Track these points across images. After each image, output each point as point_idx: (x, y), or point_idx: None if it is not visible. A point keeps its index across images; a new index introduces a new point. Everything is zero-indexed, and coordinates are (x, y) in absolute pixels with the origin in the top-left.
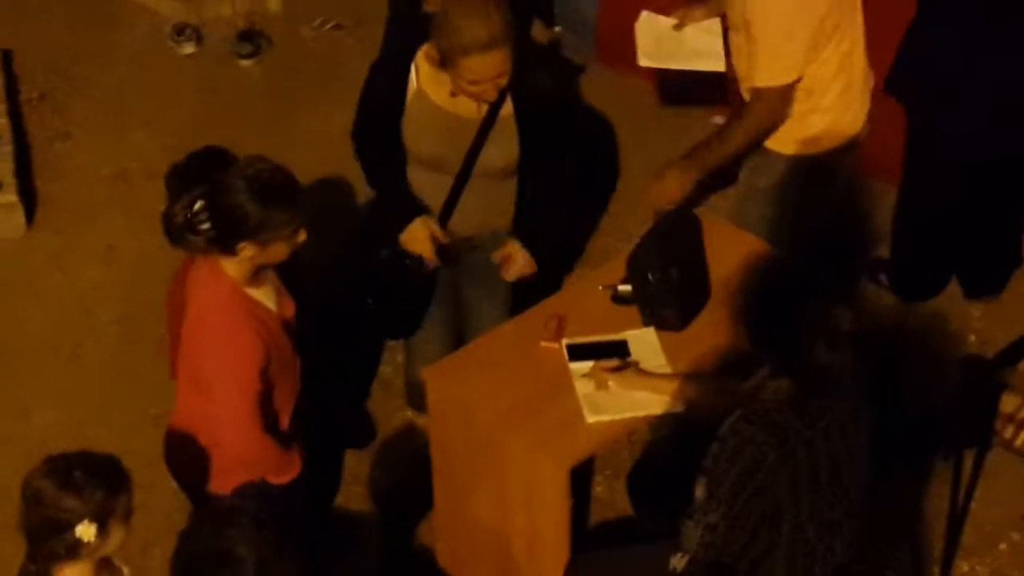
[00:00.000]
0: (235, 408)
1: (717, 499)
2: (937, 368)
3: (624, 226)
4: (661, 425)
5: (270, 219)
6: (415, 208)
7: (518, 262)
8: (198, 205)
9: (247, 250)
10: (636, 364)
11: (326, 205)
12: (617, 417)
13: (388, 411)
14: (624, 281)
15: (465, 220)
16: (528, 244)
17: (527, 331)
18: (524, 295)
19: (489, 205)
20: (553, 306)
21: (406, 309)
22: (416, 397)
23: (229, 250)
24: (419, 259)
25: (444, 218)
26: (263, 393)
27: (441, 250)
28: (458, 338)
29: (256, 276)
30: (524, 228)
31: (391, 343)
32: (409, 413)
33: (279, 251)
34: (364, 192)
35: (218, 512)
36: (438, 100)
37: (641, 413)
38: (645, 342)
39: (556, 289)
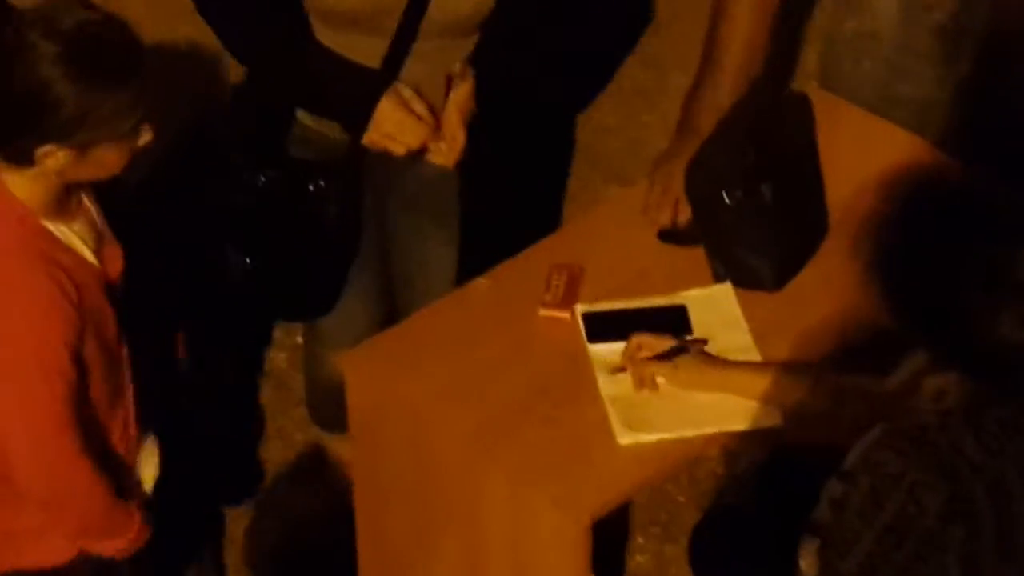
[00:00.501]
0: (32, 409)
1: None
2: None
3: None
4: (742, 453)
5: (96, 107)
6: (361, 75)
7: (461, 94)
8: None
9: (54, 157)
10: (702, 345)
11: (173, 84)
12: (669, 437)
13: (282, 432)
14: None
15: None
16: (486, 74)
17: (514, 291)
18: (508, 234)
19: (439, 79)
20: (559, 249)
21: (311, 271)
22: (326, 408)
23: (23, 157)
24: (335, 183)
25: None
26: (77, 389)
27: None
28: (393, 311)
29: (64, 203)
30: (489, 55)
31: (286, 325)
32: (319, 433)
33: (106, 161)
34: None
35: None
36: None
37: (710, 430)
38: (716, 309)
39: (559, 219)
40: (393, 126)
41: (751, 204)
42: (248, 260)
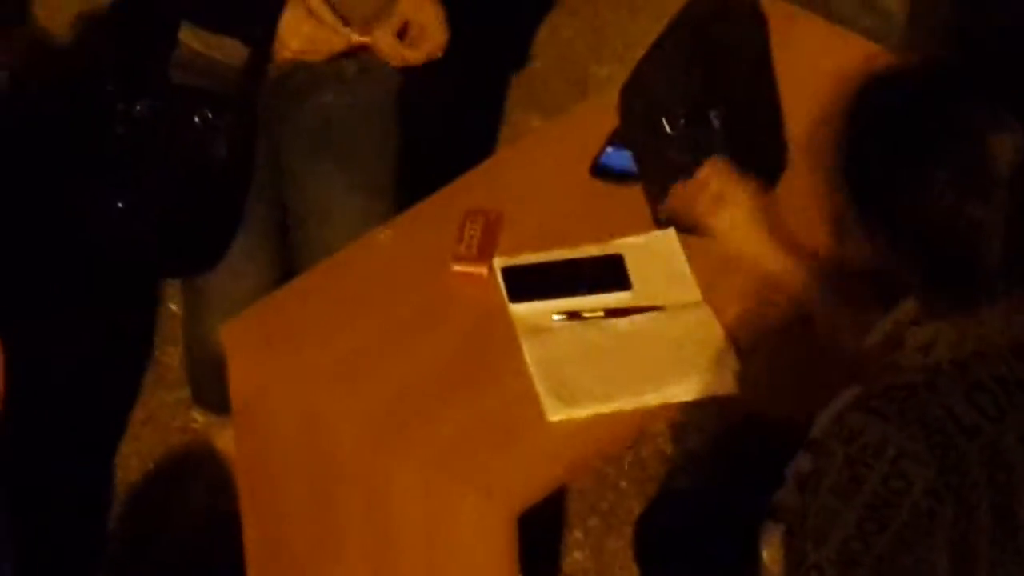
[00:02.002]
0: None
1: (810, 567)
2: None
3: (620, 32)
4: (693, 428)
5: None
6: None
7: (431, 32)
8: None
9: None
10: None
11: None
12: (606, 410)
13: (153, 418)
14: (616, 137)
15: None
16: None
17: (421, 243)
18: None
19: None
20: (473, 191)
21: (195, 219)
22: (211, 385)
23: None
24: (225, 115)
25: (275, 24)
26: None
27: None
28: (287, 267)
29: None
30: None
31: (169, 282)
32: (196, 415)
33: None
34: None
35: None
36: None
37: (654, 401)
38: (658, 259)
39: (479, 158)
40: (303, 41)
41: (697, 134)
42: (120, 204)
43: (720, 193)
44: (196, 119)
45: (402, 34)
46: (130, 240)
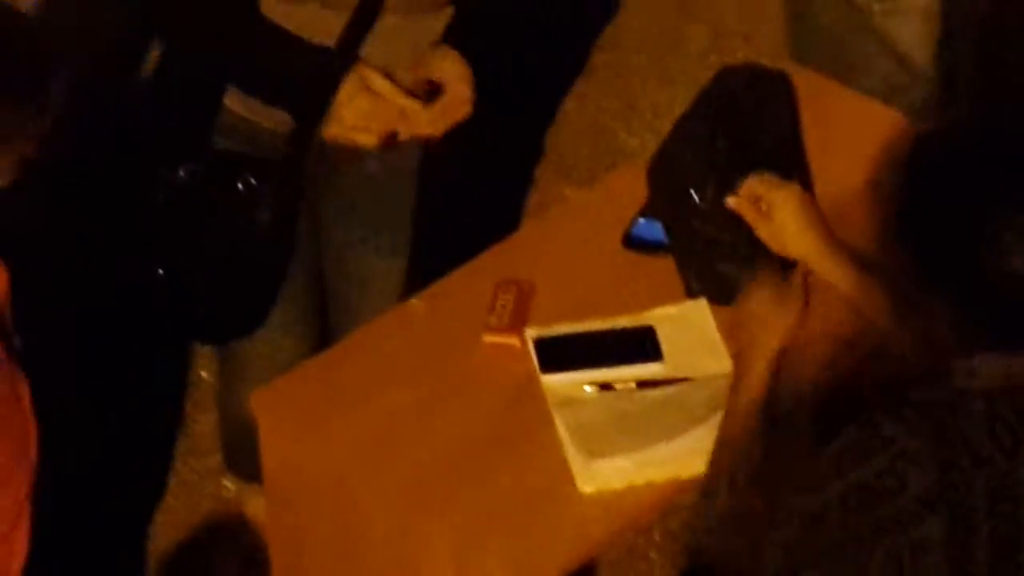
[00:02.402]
0: None
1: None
2: None
3: (650, 102)
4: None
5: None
6: (315, 56)
7: (455, 88)
8: None
9: None
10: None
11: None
12: (639, 482)
13: (186, 486)
14: (647, 208)
15: None
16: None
17: (454, 314)
18: (455, 245)
19: (403, 63)
20: (505, 262)
21: (236, 286)
22: (245, 452)
23: None
24: (269, 182)
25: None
26: None
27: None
28: (324, 333)
29: None
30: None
31: (201, 348)
32: (227, 483)
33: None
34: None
35: None
36: None
37: (686, 473)
38: (689, 330)
39: (509, 226)
40: (358, 115)
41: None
42: (161, 272)
43: (767, 200)
44: (239, 185)
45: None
46: (170, 306)
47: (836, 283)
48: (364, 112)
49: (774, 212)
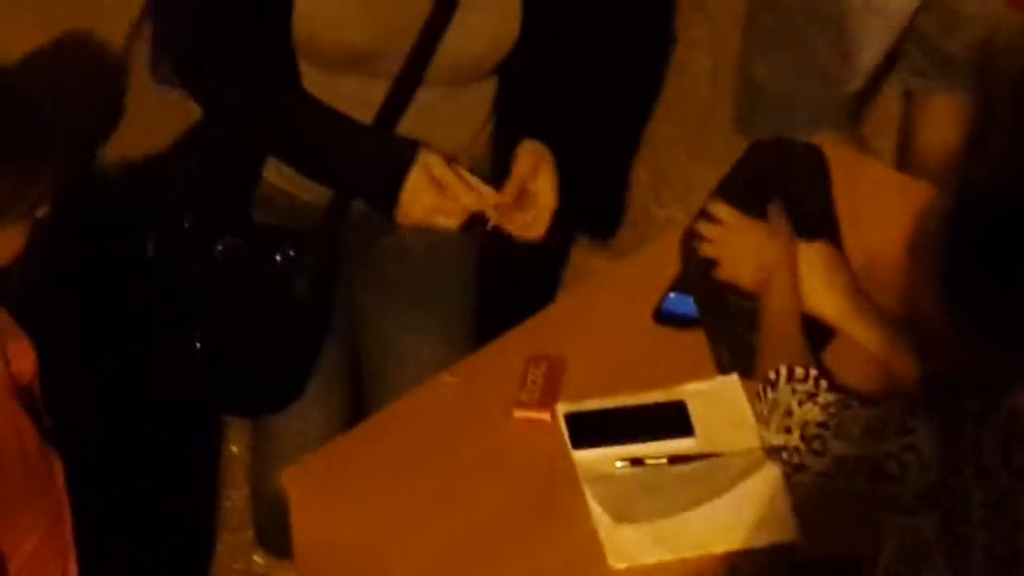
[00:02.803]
0: None
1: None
2: None
3: (681, 174)
4: (754, 574)
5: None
6: (381, 145)
7: (545, 195)
8: None
9: None
10: (715, 457)
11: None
12: (670, 558)
13: (218, 563)
14: (678, 282)
15: None
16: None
17: (485, 389)
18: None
19: (445, 134)
20: (536, 337)
21: (274, 359)
22: (271, 527)
23: None
24: (307, 254)
25: None
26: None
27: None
28: (355, 407)
29: None
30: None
31: (235, 421)
32: (257, 558)
33: (5, 245)
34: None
35: None
36: None
37: (717, 548)
38: (720, 406)
39: (539, 300)
40: (424, 212)
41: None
42: (198, 345)
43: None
44: (277, 258)
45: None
46: (206, 379)
47: (864, 342)
48: (431, 210)
49: (801, 270)
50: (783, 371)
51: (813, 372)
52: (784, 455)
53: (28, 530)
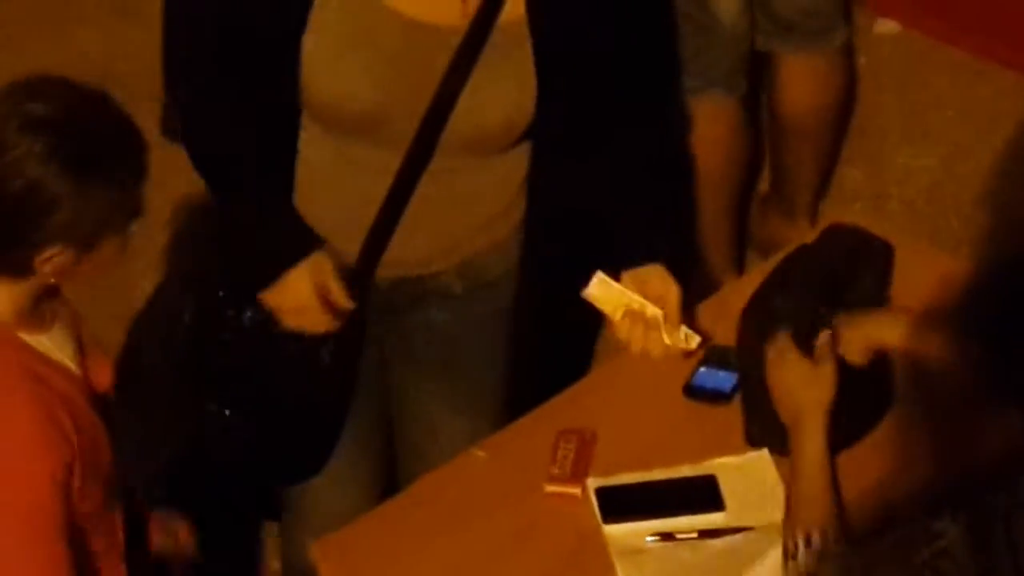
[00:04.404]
0: (15, 563)
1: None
2: None
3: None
4: None
5: (96, 201)
6: (298, 235)
7: (672, 306)
8: None
9: (52, 262)
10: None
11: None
12: None
13: None
14: (709, 357)
15: (418, 241)
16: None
17: (516, 464)
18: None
19: (467, 208)
20: (566, 411)
21: (297, 427)
22: None
23: (21, 268)
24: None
25: (378, 238)
26: (69, 527)
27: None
28: (388, 478)
29: (39, 309)
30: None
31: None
32: None
33: (106, 256)
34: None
35: None
36: None
37: None
38: (751, 480)
39: (572, 373)
40: (292, 303)
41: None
42: (227, 412)
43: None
44: (297, 338)
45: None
46: (236, 447)
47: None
48: (299, 308)
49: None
50: (800, 540)
51: (831, 532)
52: None
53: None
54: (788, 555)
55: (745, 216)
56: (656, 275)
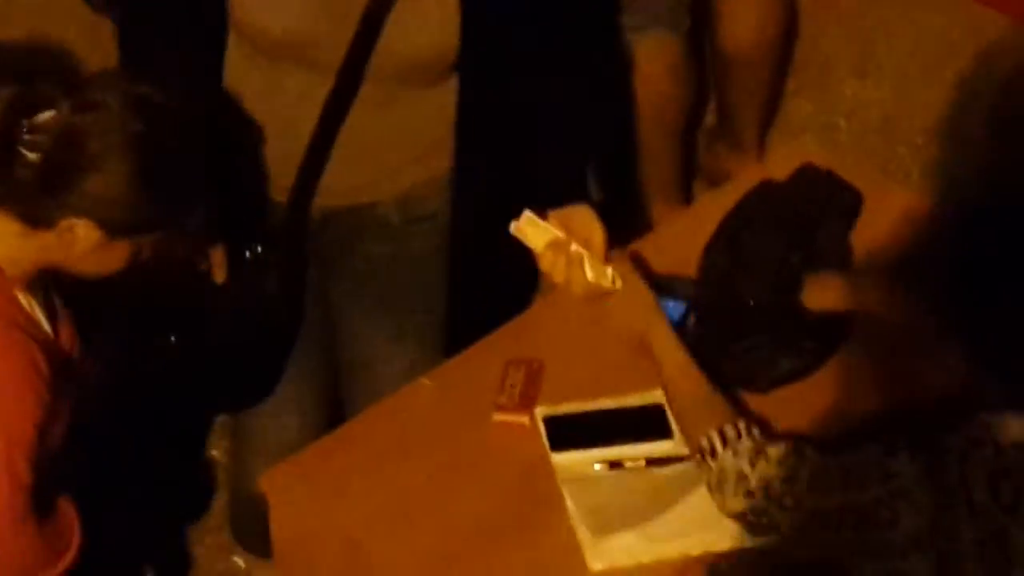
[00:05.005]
0: None
1: (788, 496)
2: None
3: None
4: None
5: (142, 207)
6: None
7: (596, 245)
8: (46, 117)
9: (74, 235)
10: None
11: None
12: (649, 560)
13: (198, 563)
14: (657, 287)
15: (353, 170)
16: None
17: (463, 393)
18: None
19: (401, 139)
20: (514, 341)
21: (244, 351)
22: (250, 527)
23: (41, 219)
24: (276, 250)
25: (312, 164)
26: (37, 467)
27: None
28: (336, 408)
29: (32, 275)
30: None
31: (215, 426)
32: (238, 559)
33: (116, 257)
34: None
35: None
36: None
37: (695, 550)
38: None
39: (516, 304)
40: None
41: (775, 306)
42: (173, 339)
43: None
44: (247, 253)
45: None
46: (181, 373)
47: (877, 306)
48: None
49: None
50: (715, 437)
51: (742, 425)
52: (750, 518)
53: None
54: (705, 455)
55: (693, 149)
56: (581, 214)
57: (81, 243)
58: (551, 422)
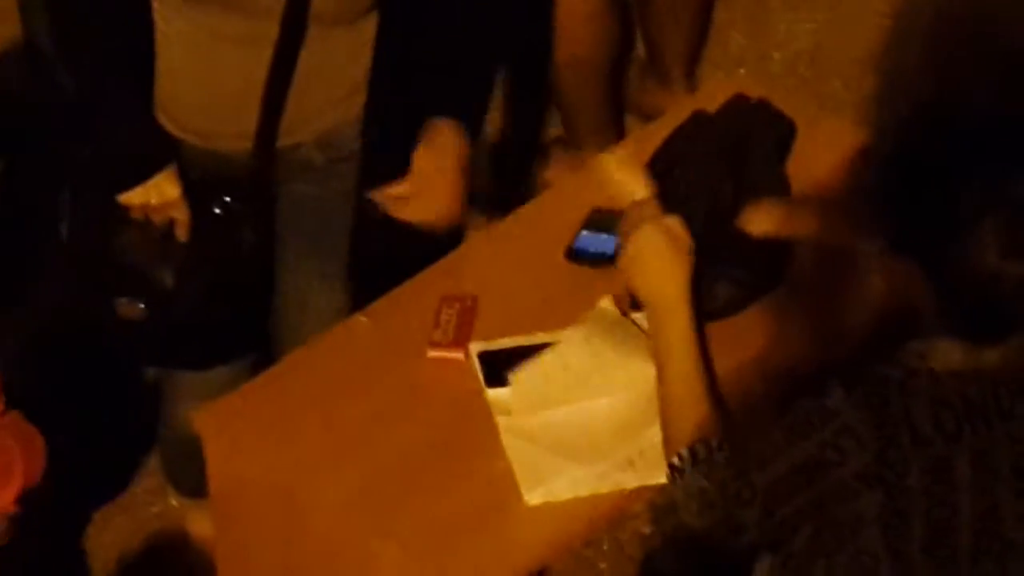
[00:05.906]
0: None
1: (745, 483)
2: None
3: None
4: (670, 508)
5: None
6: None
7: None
8: None
9: None
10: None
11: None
12: (585, 493)
13: (129, 505)
14: (590, 222)
15: (295, 108)
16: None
17: (397, 329)
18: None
19: (320, 80)
20: (448, 277)
21: (225, 307)
22: (183, 469)
23: None
24: (245, 201)
25: (271, 109)
26: None
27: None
28: (266, 347)
29: None
30: (443, 94)
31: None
32: (172, 500)
33: None
34: None
35: None
36: None
37: (632, 484)
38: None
39: (451, 241)
40: (158, 200)
41: (709, 237)
42: (143, 306)
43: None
44: (216, 210)
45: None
46: (157, 337)
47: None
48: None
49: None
50: (687, 456)
51: (714, 444)
52: (716, 532)
53: None
54: (675, 472)
55: (622, 85)
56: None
57: None
58: (486, 357)
